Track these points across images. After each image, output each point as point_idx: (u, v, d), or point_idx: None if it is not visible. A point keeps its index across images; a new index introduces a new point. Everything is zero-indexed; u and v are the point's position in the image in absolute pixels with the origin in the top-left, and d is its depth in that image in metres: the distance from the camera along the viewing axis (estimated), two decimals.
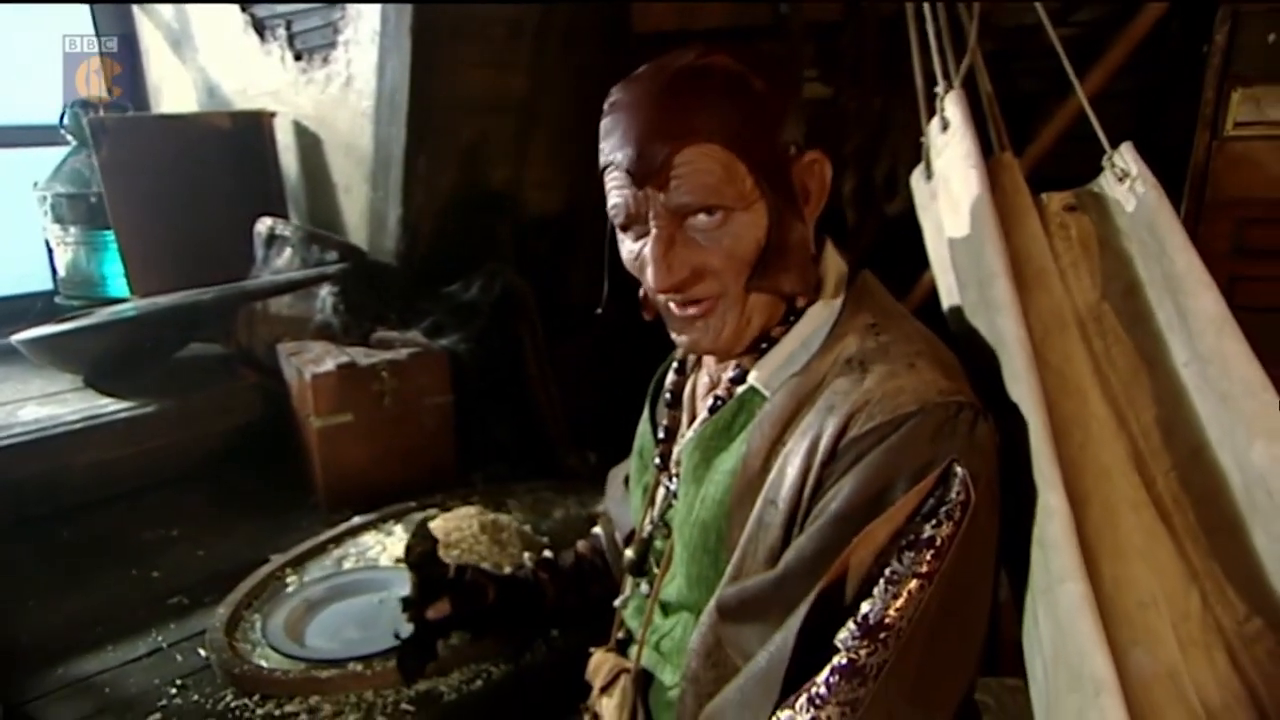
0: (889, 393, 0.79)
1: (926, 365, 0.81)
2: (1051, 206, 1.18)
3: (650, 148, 0.80)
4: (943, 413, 0.78)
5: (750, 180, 0.82)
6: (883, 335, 0.84)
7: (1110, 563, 0.99)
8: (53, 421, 1.89)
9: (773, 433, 0.84)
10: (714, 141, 0.80)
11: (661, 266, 0.82)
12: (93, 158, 2.47)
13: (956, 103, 1.10)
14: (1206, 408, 1.03)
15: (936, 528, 0.75)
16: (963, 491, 0.76)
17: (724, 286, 0.84)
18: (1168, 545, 1.04)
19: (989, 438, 0.80)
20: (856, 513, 0.76)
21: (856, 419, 0.79)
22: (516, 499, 1.92)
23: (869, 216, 2.06)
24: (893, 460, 0.77)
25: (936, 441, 0.77)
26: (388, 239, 2.26)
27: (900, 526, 0.76)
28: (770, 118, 0.84)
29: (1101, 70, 1.89)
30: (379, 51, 2.10)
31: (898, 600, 0.74)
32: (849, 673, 0.74)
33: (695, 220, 0.82)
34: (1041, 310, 1.08)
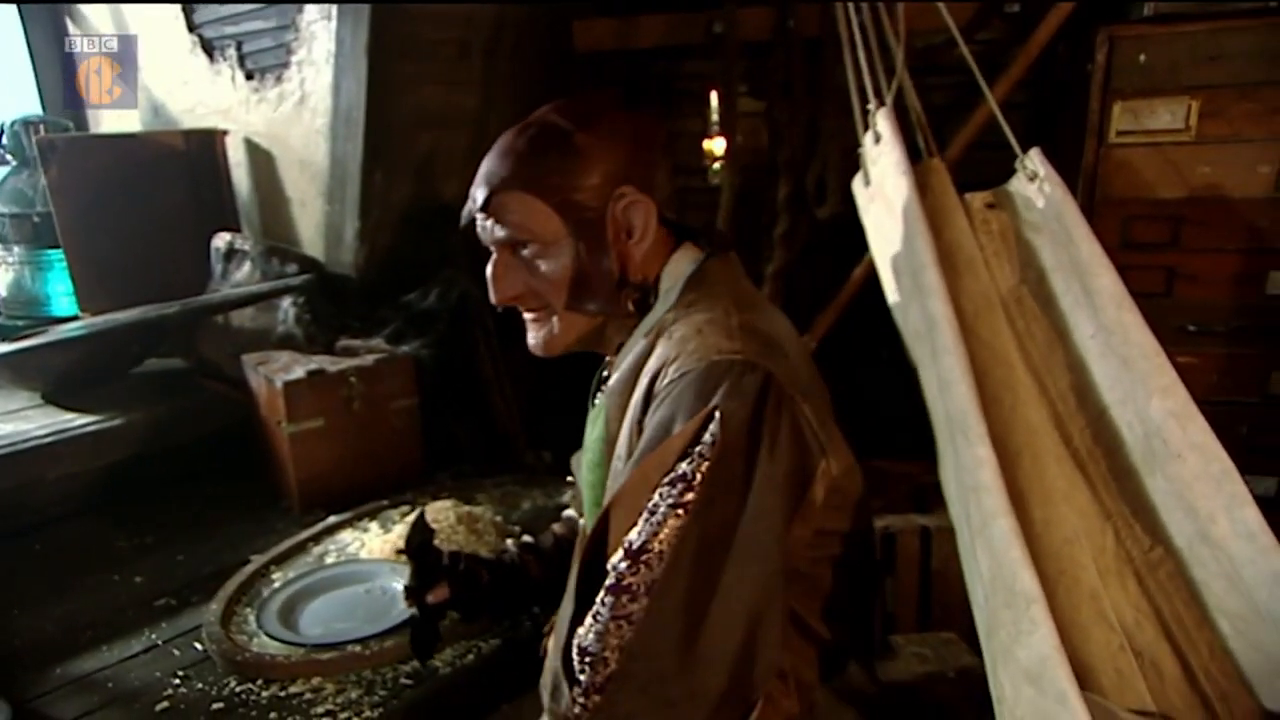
0: (685, 354, 0.94)
1: (712, 329, 0.95)
2: (974, 205, 1.35)
3: (479, 190, 1.02)
4: (719, 368, 0.91)
5: (558, 220, 1.01)
6: (693, 310, 0.99)
7: (1040, 507, 1.16)
8: (21, 437, 1.90)
9: (618, 399, 1.01)
10: (524, 189, 0.99)
11: (493, 285, 1.05)
12: (36, 177, 2.47)
13: (886, 118, 1.26)
14: (1111, 372, 1.20)
15: (692, 464, 0.88)
16: (718, 432, 0.88)
17: (548, 303, 1.04)
18: (1085, 491, 1.22)
19: (754, 385, 0.89)
20: (645, 454, 0.92)
21: (660, 376, 0.95)
22: (486, 493, 2.01)
23: (801, 220, 2.23)
24: (678, 402, 0.91)
25: (708, 391, 0.90)
26: (345, 251, 2.32)
27: (667, 466, 0.89)
28: (583, 167, 1.01)
29: (1005, 83, 2.10)
30: (334, 71, 2.18)
31: (660, 529, 0.88)
32: (617, 590, 0.88)
33: (519, 251, 1.03)
34: (972, 293, 1.24)
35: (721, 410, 0.88)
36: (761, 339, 0.96)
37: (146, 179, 2.41)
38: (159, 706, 1.32)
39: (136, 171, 2.40)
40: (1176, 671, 1.10)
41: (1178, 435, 1.12)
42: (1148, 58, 1.92)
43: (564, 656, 0.91)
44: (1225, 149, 1.91)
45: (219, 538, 1.87)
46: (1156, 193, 1.98)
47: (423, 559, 1.25)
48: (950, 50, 2.53)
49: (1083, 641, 1.09)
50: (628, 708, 0.88)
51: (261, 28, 2.33)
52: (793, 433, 0.91)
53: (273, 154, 2.45)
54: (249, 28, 2.36)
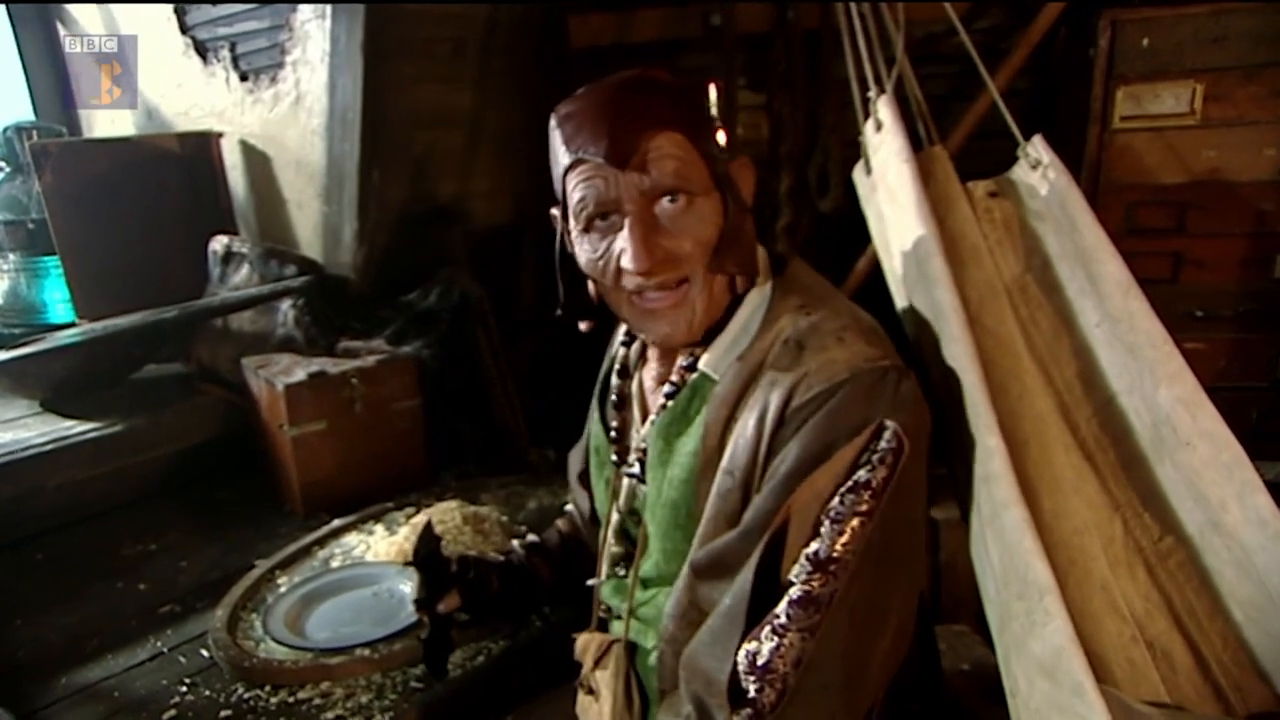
0: (823, 364, 0.90)
1: (853, 337, 0.93)
2: (976, 193, 1.34)
3: (625, 134, 0.90)
4: (871, 377, 0.89)
5: (705, 169, 0.94)
6: (812, 314, 0.96)
7: (1049, 497, 1.15)
8: (20, 445, 1.88)
9: (724, 412, 0.96)
10: (678, 130, 0.91)
11: (642, 249, 0.91)
12: (30, 183, 2.45)
13: (888, 105, 1.25)
14: (1117, 360, 1.19)
15: (872, 472, 0.87)
16: (894, 440, 0.87)
17: (691, 270, 0.95)
18: (1093, 480, 1.21)
19: (912, 393, 0.91)
20: (804, 469, 0.88)
21: (798, 390, 0.90)
22: (490, 493, 2.00)
23: (804, 212, 2.21)
24: (832, 421, 0.88)
25: (868, 401, 0.88)
26: (343, 252, 2.31)
27: (841, 477, 0.87)
28: (709, 122, 0.97)
29: (1006, 70, 2.08)
30: (329, 71, 2.16)
31: (842, 536, 0.86)
32: (804, 602, 0.86)
33: (663, 207, 0.92)
34: (977, 281, 1.23)
35: (894, 422, 0.87)
36: (886, 339, 0.96)
37: (142, 183, 2.39)
38: (166, 715, 1.31)
39: (131, 175, 2.38)
40: (1189, 662, 1.10)
41: (1187, 422, 1.11)
42: (1151, 41, 1.91)
43: (731, 679, 0.87)
44: (1230, 133, 1.90)
45: (222, 543, 1.86)
46: (1161, 178, 1.97)
47: (431, 569, 1.24)
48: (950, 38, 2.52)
49: (1094, 633, 1.08)
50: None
51: (255, 28, 2.32)
52: (928, 435, 0.92)
53: (269, 155, 2.44)
54: (242, 28, 2.35)
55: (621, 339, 1.19)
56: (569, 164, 0.94)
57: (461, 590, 1.26)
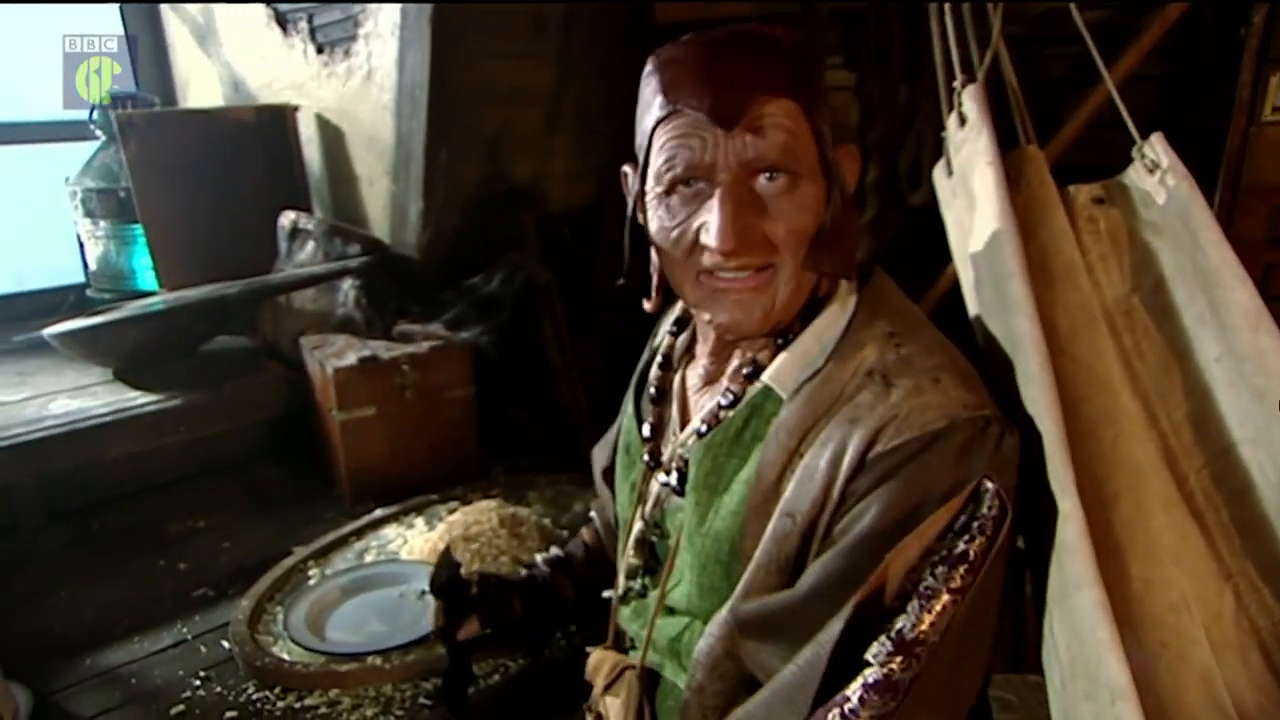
0: (915, 409, 0.77)
1: (951, 380, 0.80)
2: (1079, 199, 1.15)
3: (736, 91, 0.77)
4: (970, 428, 0.77)
5: (815, 150, 0.81)
6: (903, 347, 0.83)
7: (1141, 564, 0.97)
8: (83, 414, 1.91)
9: (790, 442, 0.82)
10: (794, 99, 0.79)
11: (730, 227, 0.78)
12: (121, 153, 2.50)
13: (974, 97, 1.07)
14: (1240, 404, 1.00)
15: (969, 543, 0.74)
16: (995, 505, 0.75)
17: (780, 260, 0.82)
18: (1199, 545, 1.02)
19: (1015, 451, 0.80)
20: (887, 531, 0.75)
21: (883, 434, 0.77)
22: (537, 491, 1.92)
23: (892, 207, 2.02)
24: (923, 477, 0.76)
25: (966, 458, 0.76)
26: (409, 232, 2.26)
27: (931, 543, 0.75)
28: (824, 87, 0.83)
29: (1134, 54, 1.83)
30: (399, 44, 2.10)
31: (930, 615, 0.74)
32: (883, 688, 0.73)
33: (762, 183, 0.80)
34: (1070, 305, 1.05)
35: (995, 485, 0.76)
36: (982, 381, 0.84)
37: (220, 155, 2.40)
38: (174, 710, 1.29)
39: (210, 147, 2.39)
40: None
41: None
42: None
43: None
44: None
45: (268, 524, 1.85)
46: None
47: (450, 597, 1.16)
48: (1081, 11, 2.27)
49: None
50: None
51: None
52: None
53: (342, 130, 2.41)
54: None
55: (669, 327, 1.06)
56: (663, 115, 0.81)
57: (482, 615, 1.18)
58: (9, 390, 2.09)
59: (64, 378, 2.15)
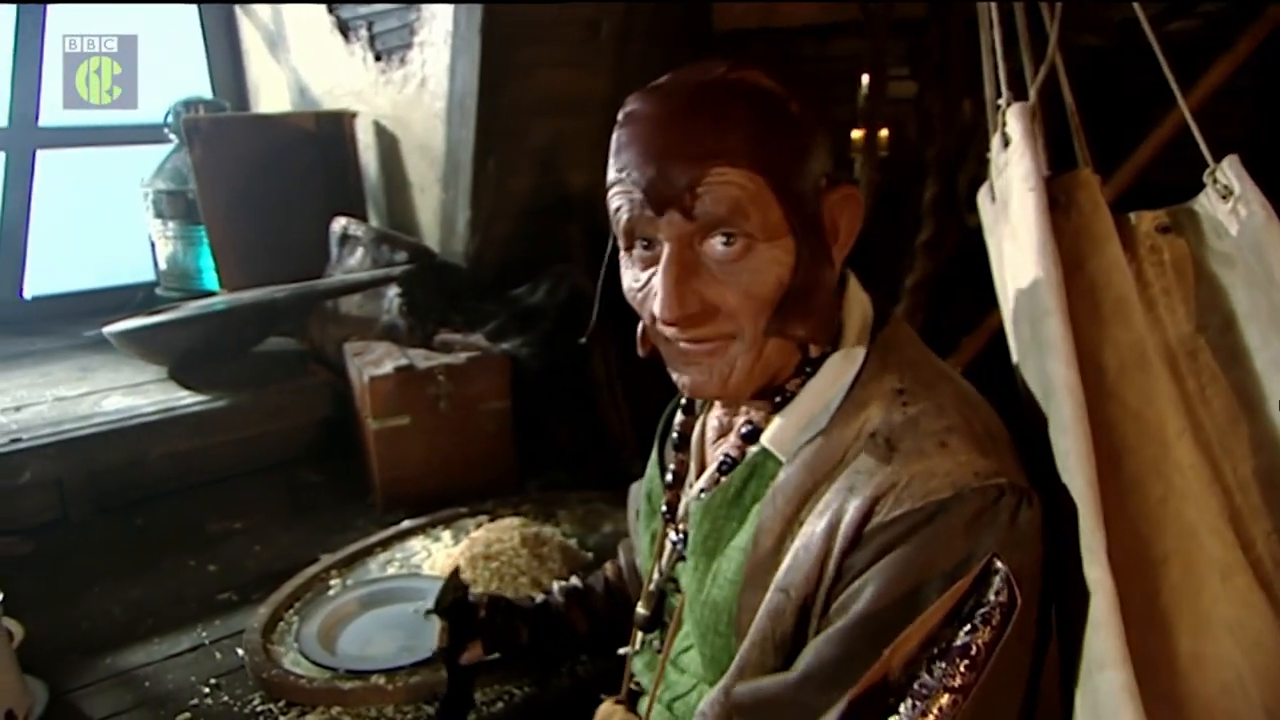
0: (918, 475, 0.70)
1: (961, 443, 0.72)
2: (1142, 227, 1.04)
3: (672, 169, 0.71)
4: (980, 499, 0.69)
5: (779, 211, 0.73)
6: (910, 406, 0.75)
7: (1190, 638, 0.87)
8: (132, 412, 1.95)
9: (787, 509, 0.75)
10: (743, 165, 0.71)
11: (672, 296, 0.73)
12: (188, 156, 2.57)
13: (1019, 116, 0.98)
14: None
15: (972, 634, 0.66)
16: (1004, 590, 0.67)
17: (738, 327, 0.75)
18: (1266, 618, 0.91)
19: (1033, 525, 0.71)
20: (883, 614, 0.68)
21: (882, 504, 0.70)
22: (568, 509, 1.87)
23: (950, 228, 1.92)
24: (924, 555, 0.68)
25: (973, 533, 0.68)
26: (457, 240, 2.26)
27: (932, 632, 0.67)
28: (804, 144, 0.75)
29: (1223, 67, 1.70)
30: (451, 52, 2.10)
31: (926, 718, 0.66)
32: None
33: (712, 248, 0.73)
34: (1119, 345, 0.95)
35: (1006, 564, 0.68)
36: (1008, 444, 0.76)
37: (280, 160, 2.44)
38: (180, 717, 1.28)
39: (271, 152, 2.44)
40: None
41: None
42: None
43: None
44: None
45: (300, 529, 1.85)
46: None
47: (456, 619, 1.12)
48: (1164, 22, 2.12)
49: None
50: None
51: (390, 7, 2.29)
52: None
53: (397, 137, 2.42)
54: (379, 7, 2.33)
55: None
56: (610, 180, 0.76)
57: (486, 640, 1.14)
58: (69, 385, 2.16)
59: (121, 375, 2.21)
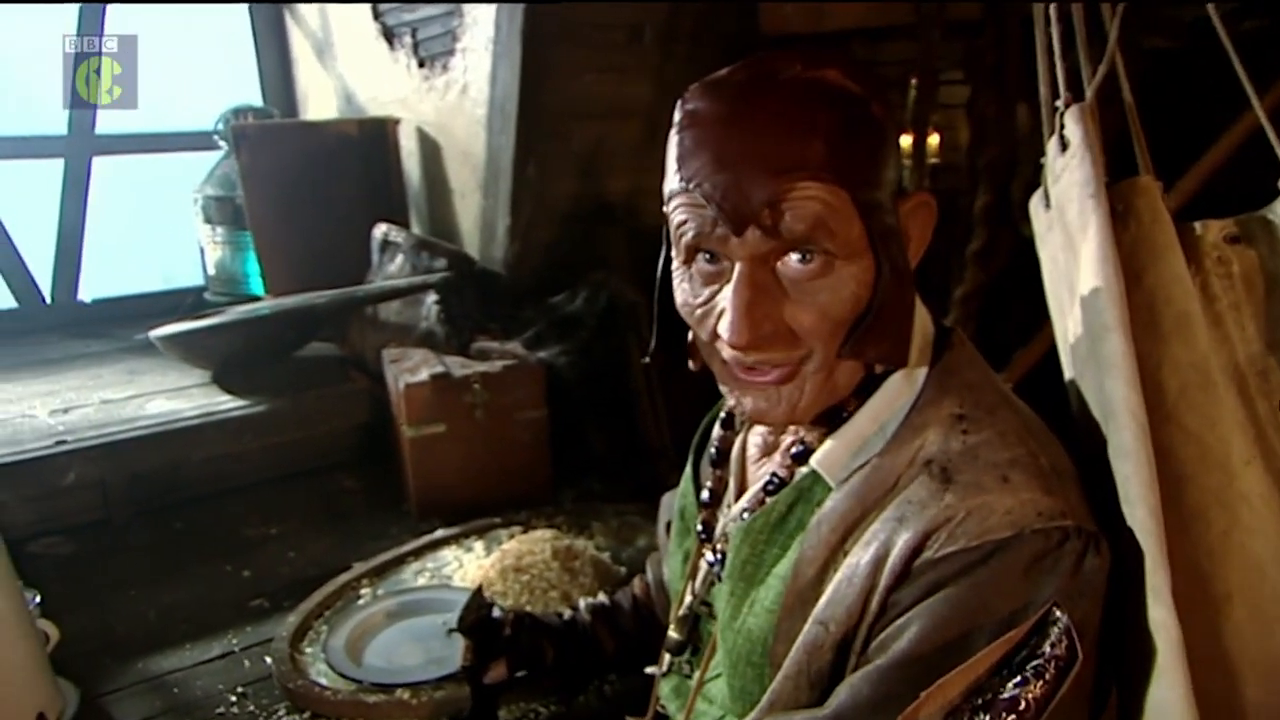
0: (975, 510, 0.64)
1: (1024, 478, 0.66)
2: (1209, 237, 0.97)
3: (751, 182, 0.64)
4: (1042, 542, 0.63)
5: (860, 226, 0.67)
6: (971, 435, 0.69)
7: (1259, 686, 0.80)
8: (174, 416, 1.97)
9: (832, 538, 0.70)
10: (826, 178, 0.65)
11: (744, 319, 0.66)
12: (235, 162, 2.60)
13: (1078, 119, 0.92)
14: None
15: (1022, 686, 0.61)
16: (1063, 643, 0.61)
17: (810, 350, 0.70)
18: None
19: (1099, 574, 0.65)
20: (928, 658, 0.63)
21: (935, 538, 0.65)
22: (602, 522, 1.84)
23: (1003, 236, 1.84)
24: (977, 598, 0.63)
25: (1033, 578, 0.63)
26: (497, 247, 2.24)
27: (979, 680, 0.61)
28: (884, 152, 0.69)
29: None
30: (492, 59, 2.08)
31: None
32: None
33: (788, 266, 0.67)
34: (1180, 364, 0.88)
35: (1069, 615, 0.62)
36: (1076, 482, 0.69)
37: (324, 166, 2.46)
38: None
39: (316, 158, 2.46)
40: None
41: None
42: None
43: None
44: None
45: (335, 536, 1.85)
46: None
47: (479, 637, 1.10)
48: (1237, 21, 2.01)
49: None
50: None
51: (433, 14, 2.29)
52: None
53: (439, 144, 2.42)
54: (423, 14, 2.33)
55: None
56: (673, 189, 0.69)
57: (511, 659, 1.11)
58: (116, 388, 2.19)
59: (167, 378, 2.24)
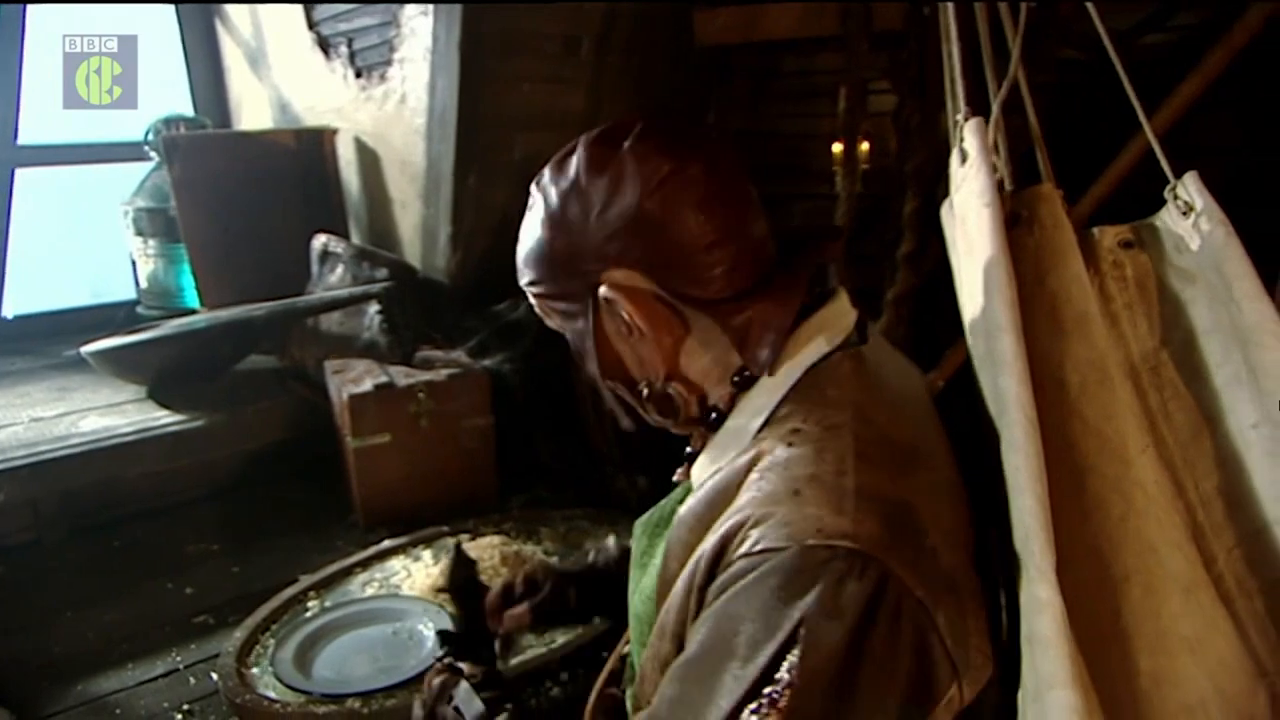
0: (764, 519, 0.67)
1: (817, 494, 0.67)
2: (1105, 242, 1.05)
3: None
4: (807, 558, 0.64)
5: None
6: (795, 447, 0.72)
7: (1149, 655, 0.86)
8: (109, 433, 1.94)
9: (689, 537, 0.75)
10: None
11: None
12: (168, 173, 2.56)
13: (975, 132, 0.99)
14: (1278, 477, 0.89)
15: (760, 709, 0.62)
16: (796, 662, 0.62)
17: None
18: (1228, 635, 0.90)
19: (860, 598, 0.63)
20: (704, 661, 0.67)
21: (734, 542, 0.68)
22: (550, 527, 1.86)
23: (930, 239, 1.92)
24: (739, 607, 0.65)
25: (788, 596, 0.64)
26: (439, 256, 2.25)
27: (741, 697, 0.63)
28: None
29: (1196, 81, 1.71)
30: (430, 69, 2.10)
31: None
32: None
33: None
34: (1080, 361, 0.95)
35: (807, 629, 0.63)
36: (887, 509, 0.68)
37: (261, 177, 2.44)
38: None
39: (252, 169, 2.43)
40: None
41: None
42: None
43: None
44: None
45: (280, 549, 1.84)
46: None
47: (467, 598, 1.09)
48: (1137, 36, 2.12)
49: None
50: None
51: (369, 24, 2.29)
52: (914, 654, 0.66)
53: (378, 154, 2.42)
54: (359, 24, 2.33)
55: None
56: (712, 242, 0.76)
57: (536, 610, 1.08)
58: (46, 406, 2.14)
59: (99, 395, 2.19)
